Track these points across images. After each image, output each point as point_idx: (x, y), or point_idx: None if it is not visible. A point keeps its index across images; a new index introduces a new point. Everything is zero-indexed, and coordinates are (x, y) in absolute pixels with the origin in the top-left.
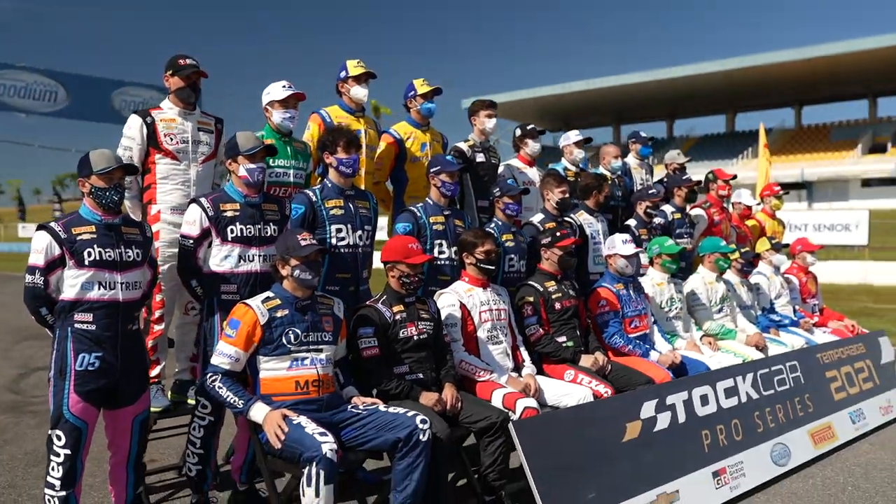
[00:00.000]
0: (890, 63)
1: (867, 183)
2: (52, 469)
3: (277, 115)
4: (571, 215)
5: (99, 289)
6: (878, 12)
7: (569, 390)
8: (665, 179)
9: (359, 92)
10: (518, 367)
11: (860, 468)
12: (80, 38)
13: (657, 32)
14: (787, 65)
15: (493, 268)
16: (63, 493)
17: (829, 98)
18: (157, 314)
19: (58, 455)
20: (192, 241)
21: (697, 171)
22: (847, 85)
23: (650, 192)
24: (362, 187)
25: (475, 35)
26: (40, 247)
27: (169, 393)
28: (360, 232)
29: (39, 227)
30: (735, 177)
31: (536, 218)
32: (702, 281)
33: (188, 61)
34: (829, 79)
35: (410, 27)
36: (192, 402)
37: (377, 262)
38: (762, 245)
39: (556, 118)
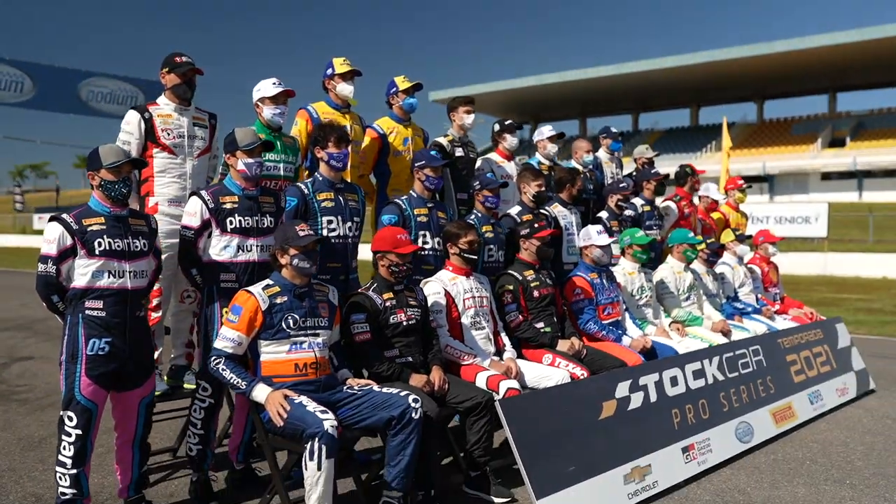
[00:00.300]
0: (849, 59)
1: (827, 176)
2: (64, 448)
3: (268, 111)
4: (546, 208)
5: (109, 277)
6: (837, 8)
7: (547, 373)
8: (635, 173)
9: (345, 89)
10: (499, 352)
11: (818, 445)
12: (48, 27)
13: (625, 26)
14: (750, 60)
15: (475, 257)
16: (74, 470)
17: (790, 93)
18: (154, 302)
19: (69, 435)
20: (192, 232)
21: (662, 164)
22: (807, 80)
23: (621, 185)
24: (348, 180)
25: (442, 30)
26: (53, 237)
27: (165, 378)
28: (349, 223)
29: (52, 219)
30: (703, 172)
31: (514, 210)
32: (670, 270)
33: (184, 59)
34: (790, 74)
35: (378, 20)
36: (188, 386)
37: (363, 252)
38: (727, 236)
39: (524, 111)
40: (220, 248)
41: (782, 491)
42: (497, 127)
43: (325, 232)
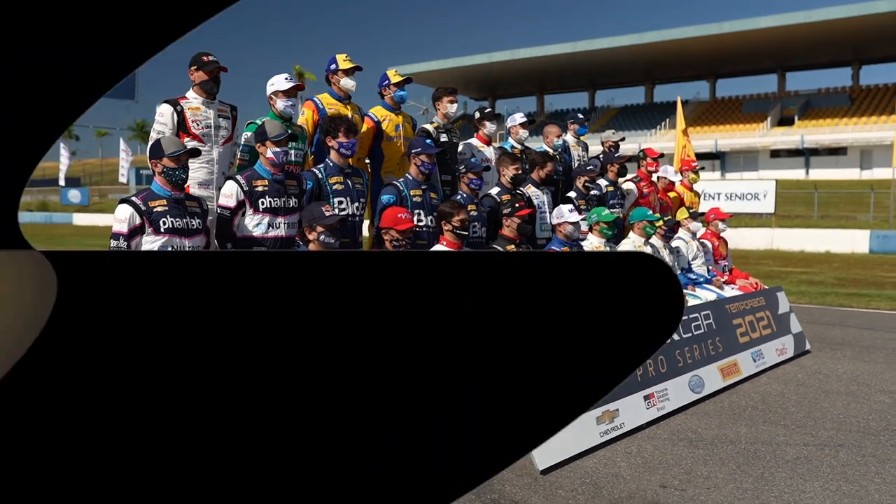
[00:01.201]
0: (797, 39)
1: (776, 154)
2: None
3: (281, 103)
4: (521, 188)
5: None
6: None
7: None
8: (601, 156)
9: (348, 83)
10: None
11: (758, 395)
12: None
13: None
14: (703, 39)
15: (467, 233)
16: None
17: (742, 72)
18: None
19: None
20: (229, 212)
21: (622, 142)
22: (758, 59)
23: (588, 167)
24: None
25: (399, 4)
26: (124, 217)
27: None
28: (356, 203)
29: (122, 201)
30: (662, 155)
31: (494, 191)
32: (632, 245)
33: (210, 58)
34: (741, 54)
35: None
36: None
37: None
38: (681, 214)
39: (482, 88)
40: (253, 225)
41: (727, 430)
42: (477, 114)
43: (336, 211)
